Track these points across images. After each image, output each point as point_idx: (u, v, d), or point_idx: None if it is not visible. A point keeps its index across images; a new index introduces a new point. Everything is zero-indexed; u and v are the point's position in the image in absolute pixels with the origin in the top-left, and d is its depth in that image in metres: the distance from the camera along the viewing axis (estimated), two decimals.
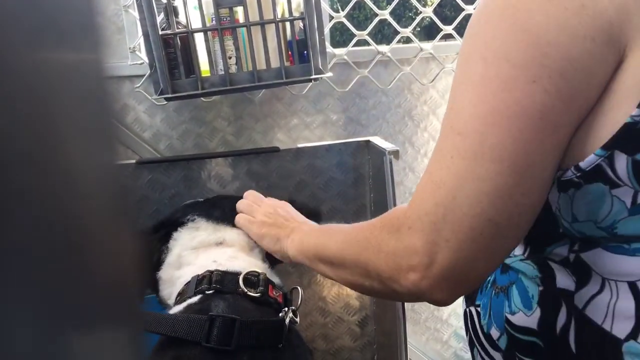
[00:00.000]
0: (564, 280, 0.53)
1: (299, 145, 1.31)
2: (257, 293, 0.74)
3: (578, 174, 0.46)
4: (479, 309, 0.62)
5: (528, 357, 0.56)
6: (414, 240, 0.48)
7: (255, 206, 0.88)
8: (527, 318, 0.55)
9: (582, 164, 0.45)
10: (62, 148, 0.19)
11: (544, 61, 0.42)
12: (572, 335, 0.52)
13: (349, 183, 1.34)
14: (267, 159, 1.28)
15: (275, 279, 0.83)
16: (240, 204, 0.90)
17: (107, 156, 0.22)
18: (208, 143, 1.35)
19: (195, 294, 0.74)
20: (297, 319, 0.79)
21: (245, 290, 0.74)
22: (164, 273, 0.84)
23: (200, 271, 0.78)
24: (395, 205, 1.33)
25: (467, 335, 0.67)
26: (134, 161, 1.22)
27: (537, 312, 0.55)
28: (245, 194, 0.93)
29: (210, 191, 1.24)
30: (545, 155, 0.44)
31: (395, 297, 0.58)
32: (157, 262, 0.86)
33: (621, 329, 0.48)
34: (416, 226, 0.48)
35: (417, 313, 1.59)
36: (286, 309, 0.76)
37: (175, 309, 0.75)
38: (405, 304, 1.11)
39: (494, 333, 0.60)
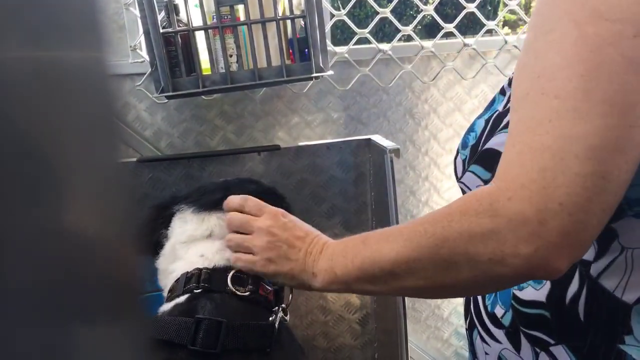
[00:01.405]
0: None
1: (300, 144, 1.31)
2: (246, 292, 0.73)
3: None
4: None
5: (533, 330, 0.57)
6: (522, 209, 0.45)
7: (248, 236, 0.72)
8: (536, 292, 0.56)
9: None
10: (64, 145, 0.19)
11: None
12: (581, 305, 0.54)
13: (350, 181, 1.34)
14: (268, 157, 1.28)
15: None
16: (232, 220, 0.75)
17: (109, 154, 0.22)
18: (209, 141, 1.35)
19: (183, 293, 0.73)
20: (287, 317, 0.77)
21: (234, 289, 0.72)
22: (160, 264, 0.83)
23: (189, 267, 0.76)
24: (396, 203, 1.34)
25: (467, 319, 0.67)
26: (135, 159, 1.23)
27: (547, 285, 0.55)
28: (241, 201, 0.76)
29: None
30: None
31: (492, 285, 0.53)
32: (155, 245, 0.84)
33: (632, 296, 0.51)
34: (520, 195, 0.45)
35: (418, 311, 1.59)
36: (276, 308, 0.74)
37: (163, 308, 0.74)
38: (406, 302, 1.12)
39: (499, 311, 0.60)
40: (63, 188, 0.19)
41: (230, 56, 1.14)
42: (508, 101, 0.57)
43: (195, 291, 0.72)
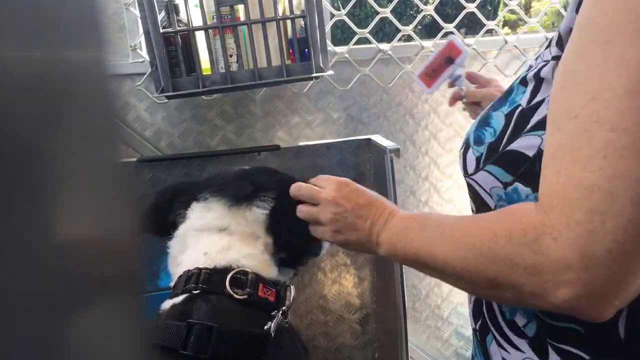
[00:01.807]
0: None
1: (300, 144, 1.31)
2: (243, 295, 0.72)
3: None
4: None
5: (563, 343, 0.53)
6: (566, 253, 0.41)
7: (315, 208, 0.73)
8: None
9: None
10: (64, 145, 0.19)
11: None
12: (622, 323, 0.49)
13: None
14: (268, 158, 1.28)
15: (272, 272, 0.79)
16: (300, 192, 0.77)
17: (109, 154, 0.22)
18: (209, 141, 1.35)
19: (182, 292, 0.73)
20: (288, 319, 0.77)
21: (231, 292, 0.72)
22: (172, 247, 0.82)
23: (192, 265, 0.76)
24: (396, 203, 1.33)
25: (477, 321, 0.64)
26: (135, 159, 1.23)
27: None
28: (314, 180, 0.78)
29: None
30: None
31: (534, 307, 0.52)
32: (171, 224, 0.83)
33: None
34: (565, 237, 0.41)
35: (418, 312, 1.59)
36: (275, 311, 0.74)
37: (164, 306, 0.74)
38: (406, 302, 1.12)
39: (520, 320, 0.56)
40: (62, 188, 0.19)
41: (231, 56, 1.14)
42: (532, 96, 0.52)
43: (193, 292, 0.72)
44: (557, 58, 0.49)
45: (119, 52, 1.25)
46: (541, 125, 0.50)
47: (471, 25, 1.56)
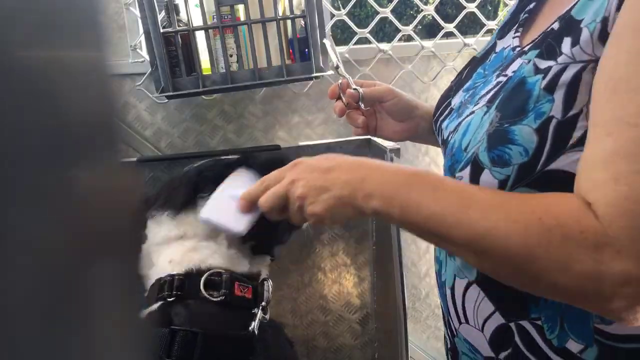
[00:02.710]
0: None
1: (300, 144, 1.30)
2: (220, 297, 0.71)
3: None
4: (538, 322, 0.54)
5: None
6: (629, 267, 0.40)
7: (289, 197, 0.60)
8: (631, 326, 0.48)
9: None
10: (64, 145, 0.19)
11: None
12: None
13: None
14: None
15: (243, 265, 0.78)
16: (266, 200, 0.62)
17: (110, 154, 0.22)
18: (209, 141, 1.35)
19: (156, 301, 0.71)
20: (267, 316, 0.76)
21: (207, 295, 0.71)
22: (141, 270, 0.80)
23: (162, 273, 0.74)
24: None
25: (499, 350, 0.58)
26: (135, 159, 1.23)
27: None
28: (259, 187, 0.64)
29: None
30: None
31: (571, 304, 0.48)
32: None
33: None
34: (629, 252, 0.40)
35: (418, 311, 1.59)
36: (255, 310, 0.73)
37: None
38: (406, 302, 1.12)
39: (574, 346, 0.53)
40: (62, 188, 0.19)
41: (231, 56, 1.14)
42: (567, 107, 0.47)
43: (168, 299, 0.71)
44: (586, 62, 0.46)
45: (119, 52, 1.25)
46: (584, 140, 0.46)
47: (471, 25, 1.56)
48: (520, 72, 0.52)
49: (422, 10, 1.40)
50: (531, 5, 0.63)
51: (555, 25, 0.51)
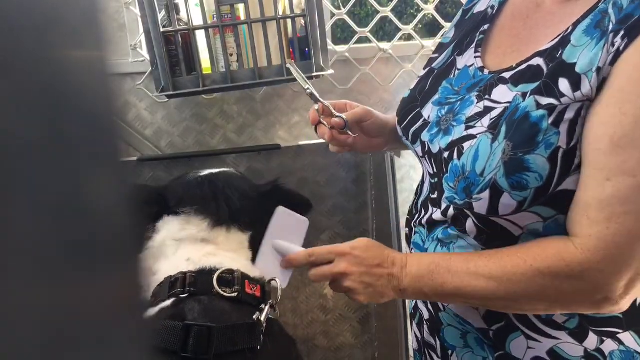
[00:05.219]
0: None
1: (301, 143, 1.31)
2: (232, 293, 0.72)
3: None
4: None
5: (603, 327, 0.63)
6: (610, 279, 0.55)
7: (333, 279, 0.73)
8: None
9: None
10: (64, 145, 0.19)
11: None
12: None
13: (350, 180, 1.34)
14: (269, 157, 1.28)
15: (255, 271, 0.80)
16: (315, 277, 0.75)
17: (110, 153, 0.22)
18: (209, 140, 1.35)
19: (168, 297, 0.72)
20: (277, 312, 0.78)
21: (220, 291, 0.72)
22: (147, 260, 0.80)
23: (173, 271, 0.75)
24: (396, 202, 1.34)
25: (493, 324, 0.68)
26: (135, 158, 1.23)
27: None
28: (306, 258, 0.76)
29: None
30: None
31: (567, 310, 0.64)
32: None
33: None
34: (611, 271, 0.54)
35: None
36: (263, 305, 0.74)
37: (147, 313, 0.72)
38: (406, 301, 1.12)
39: (559, 318, 0.64)
40: (64, 186, 0.19)
41: (231, 55, 1.14)
42: (569, 139, 0.56)
43: (181, 296, 0.71)
44: (583, 102, 0.55)
45: (119, 51, 1.25)
46: (580, 165, 0.57)
47: None
48: (516, 103, 0.59)
49: (422, 10, 1.40)
50: (485, 27, 0.73)
51: (539, 62, 0.60)
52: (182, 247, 0.79)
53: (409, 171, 1.49)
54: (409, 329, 1.14)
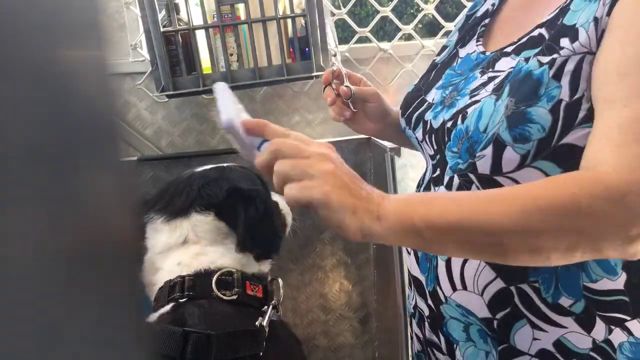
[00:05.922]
0: None
1: None
2: (233, 295, 0.71)
3: None
4: (536, 284, 0.63)
5: (610, 312, 0.61)
6: None
7: (305, 160, 0.53)
8: (613, 282, 0.60)
9: None
10: (64, 144, 0.19)
11: None
12: None
13: None
14: None
15: (253, 268, 0.78)
16: (282, 146, 0.54)
17: (110, 153, 0.22)
18: (209, 140, 1.35)
19: (168, 302, 0.71)
20: (280, 313, 0.76)
21: (219, 294, 0.70)
22: (145, 277, 0.79)
23: (170, 276, 0.74)
24: None
25: (497, 311, 0.65)
26: (135, 158, 1.23)
27: (623, 276, 0.60)
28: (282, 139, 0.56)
29: None
30: None
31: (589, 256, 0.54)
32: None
33: None
34: None
35: None
36: (266, 307, 0.73)
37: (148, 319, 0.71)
38: (407, 300, 1.12)
39: (565, 301, 0.62)
40: (65, 186, 0.19)
41: (231, 55, 1.14)
42: (573, 91, 0.55)
43: (180, 300, 0.70)
44: (584, 54, 0.55)
45: (119, 51, 1.25)
46: (588, 118, 0.54)
47: None
48: (519, 67, 0.59)
49: (422, 10, 1.40)
50: (486, 21, 0.75)
51: (542, 32, 0.60)
52: (170, 255, 0.77)
53: (409, 171, 1.49)
54: (408, 329, 1.14)
